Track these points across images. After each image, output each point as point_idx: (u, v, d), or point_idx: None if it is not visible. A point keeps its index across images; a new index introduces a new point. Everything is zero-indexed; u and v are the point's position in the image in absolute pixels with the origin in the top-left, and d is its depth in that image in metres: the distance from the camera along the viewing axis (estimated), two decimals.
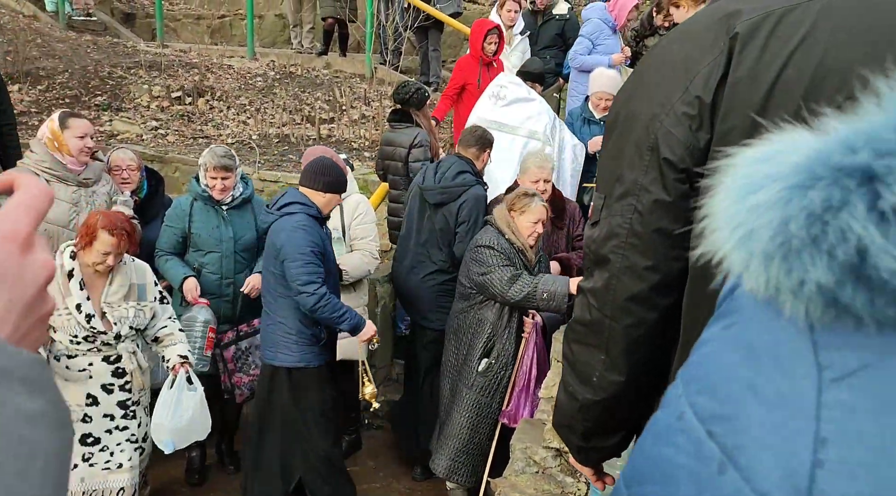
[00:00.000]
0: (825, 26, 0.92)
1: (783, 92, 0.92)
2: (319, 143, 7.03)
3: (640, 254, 1.05)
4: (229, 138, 7.19)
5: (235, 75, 8.63)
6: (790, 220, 0.44)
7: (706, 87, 0.97)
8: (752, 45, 0.94)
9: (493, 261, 3.43)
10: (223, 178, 3.73)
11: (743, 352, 0.49)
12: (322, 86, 8.35)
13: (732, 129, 0.95)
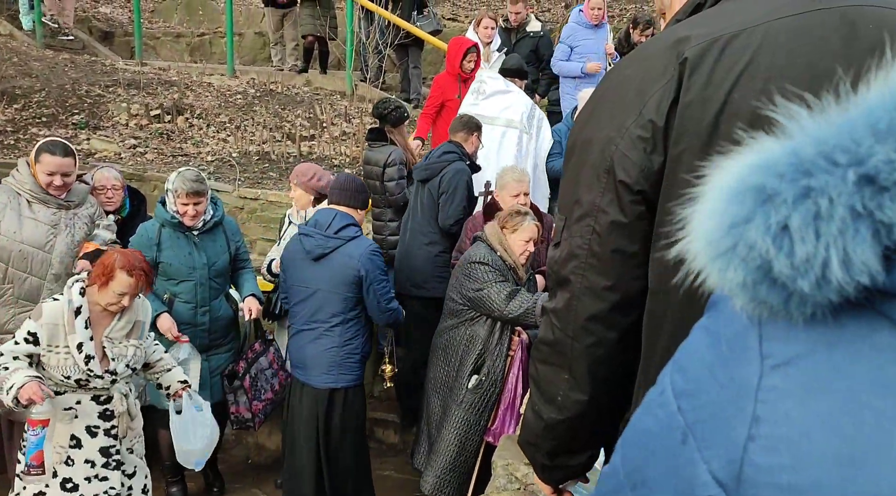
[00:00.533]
0: (767, 52, 0.95)
1: (731, 115, 0.94)
2: (301, 160, 7.02)
3: (599, 275, 1.06)
4: (209, 156, 7.16)
5: (215, 93, 8.61)
6: (715, 229, 0.52)
7: (658, 111, 0.99)
8: (701, 70, 0.96)
9: (487, 276, 3.42)
10: (195, 203, 3.59)
11: (711, 340, 0.56)
12: (303, 103, 8.35)
13: (684, 151, 0.97)
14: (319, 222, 3.48)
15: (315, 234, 3.44)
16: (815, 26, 0.96)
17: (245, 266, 3.97)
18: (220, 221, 3.79)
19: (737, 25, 0.98)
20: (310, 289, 3.46)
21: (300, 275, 3.51)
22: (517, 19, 6.60)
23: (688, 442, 0.52)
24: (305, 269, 3.48)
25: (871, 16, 0.96)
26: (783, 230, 0.48)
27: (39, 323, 2.87)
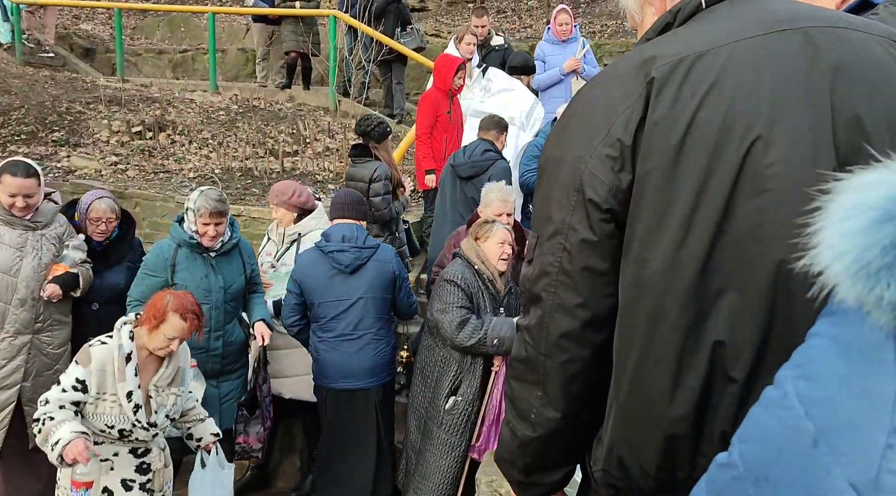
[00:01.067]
0: (734, 72, 0.97)
1: (697, 135, 0.96)
2: (284, 176, 7.00)
3: (570, 292, 1.07)
4: (191, 172, 7.11)
5: (198, 109, 8.58)
6: (869, 247, 0.53)
7: (626, 130, 1.01)
8: (667, 89, 0.98)
9: (450, 299, 3.39)
10: (216, 223, 3.46)
11: (841, 349, 0.58)
12: (286, 119, 8.35)
13: (652, 169, 0.99)
14: (347, 236, 3.65)
15: (349, 248, 3.62)
16: (779, 47, 0.97)
17: (257, 290, 3.85)
18: (237, 243, 3.67)
19: (704, 45, 1.00)
20: (350, 301, 3.60)
21: (334, 291, 3.62)
22: (483, 33, 6.68)
23: (819, 447, 0.55)
24: (340, 284, 3.62)
25: (833, 36, 0.98)
26: None
27: (88, 369, 2.69)
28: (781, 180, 0.92)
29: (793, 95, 0.94)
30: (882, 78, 0.95)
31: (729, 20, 1.04)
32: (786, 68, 0.95)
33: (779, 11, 1.03)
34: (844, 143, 0.92)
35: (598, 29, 10.46)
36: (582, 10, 11.36)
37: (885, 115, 0.93)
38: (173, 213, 6.36)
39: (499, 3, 11.94)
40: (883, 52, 0.98)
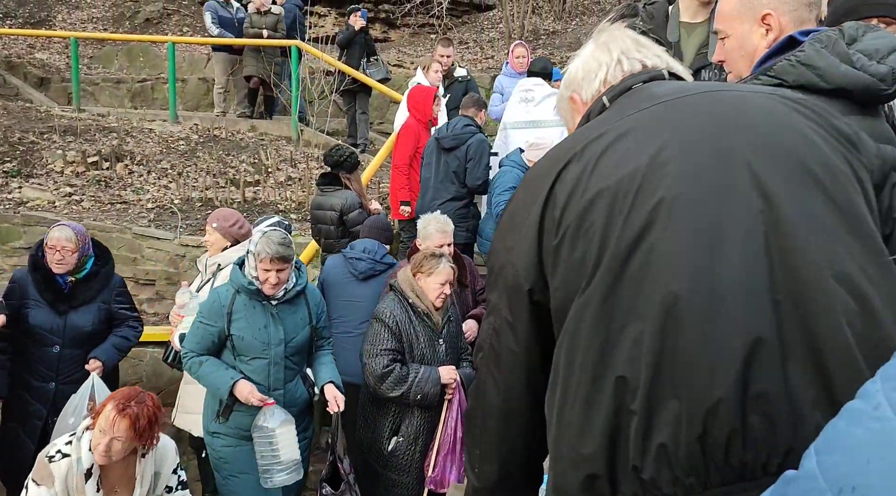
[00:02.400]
0: (619, 141, 1.11)
1: (589, 216, 1.08)
2: (245, 206, 6.90)
3: (496, 368, 1.20)
4: (149, 203, 6.97)
5: (157, 139, 8.45)
6: None
7: (539, 226, 1.14)
8: (566, 179, 1.12)
9: (377, 340, 3.28)
10: (279, 270, 3.10)
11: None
12: (247, 148, 8.27)
13: (562, 238, 1.10)
14: (368, 249, 4.11)
15: (367, 258, 4.07)
16: (663, 112, 1.12)
17: (324, 345, 3.49)
18: (302, 290, 3.30)
19: (598, 130, 1.15)
20: (357, 303, 4.00)
21: (346, 292, 4.10)
22: (447, 63, 6.77)
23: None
24: (352, 288, 4.08)
25: (713, 98, 1.13)
26: None
27: (52, 490, 2.41)
28: (669, 216, 1.02)
29: (676, 141, 1.06)
30: (763, 123, 1.08)
31: (624, 106, 1.19)
32: (666, 125, 1.09)
33: (662, 93, 1.17)
34: (728, 179, 1.02)
35: (558, 60, 10.67)
36: (542, 41, 11.59)
37: (767, 153, 1.04)
38: (130, 246, 6.21)
39: (461, 35, 12.12)
40: (767, 100, 1.12)
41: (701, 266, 0.98)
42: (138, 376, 5.47)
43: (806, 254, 0.97)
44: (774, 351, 0.94)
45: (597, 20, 11.79)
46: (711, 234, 0.99)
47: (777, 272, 0.96)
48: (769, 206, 0.99)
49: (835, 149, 1.08)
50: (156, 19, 12.42)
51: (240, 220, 3.89)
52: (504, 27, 11.72)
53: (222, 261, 3.73)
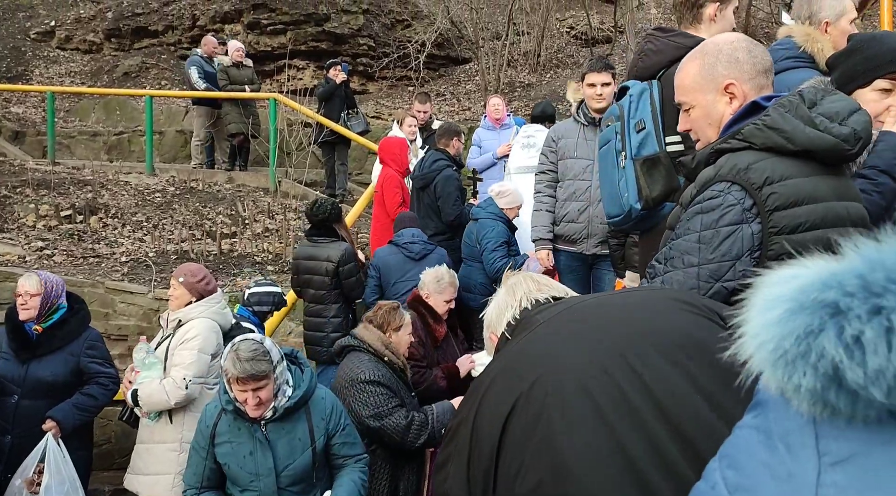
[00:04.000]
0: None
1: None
2: (221, 259, 6.83)
3: None
4: (123, 256, 6.86)
5: (132, 192, 8.38)
6: (785, 337, 0.56)
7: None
8: (487, 425, 1.20)
9: (381, 401, 3.09)
10: (254, 389, 2.59)
11: (763, 437, 0.60)
12: (224, 200, 8.23)
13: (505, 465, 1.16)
14: (415, 234, 4.80)
15: (418, 240, 4.77)
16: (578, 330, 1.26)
17: (345, 464, 2.89)
18: (302, 402, 2.74)
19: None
20: (417, 280, 4.22)
21: (407, 272, 4.65)
22: (424, 118, 6.88)
23: None
24: (411, 268, 4.64)
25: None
26: (856, 342, 0.53)
27: None
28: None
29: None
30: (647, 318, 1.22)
31: (517, 337, 1.36)
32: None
33: (541, 318, 1.36)
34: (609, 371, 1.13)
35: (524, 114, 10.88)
36: (518, 93, 11.83)
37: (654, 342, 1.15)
38: (102, 300, 6.07)
39: (438, 87, 12.34)
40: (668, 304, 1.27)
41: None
42: (106, 437, 5.28)
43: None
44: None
45: (570, 72, 12.11)
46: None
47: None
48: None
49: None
50: (134, 73, 12.49)
51: (207, 277, 3.76)
52: (480, 80, 11.96)
53: (183, 316, 3.59)
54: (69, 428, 3.53)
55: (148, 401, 3.37)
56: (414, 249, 4.75)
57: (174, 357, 3.47)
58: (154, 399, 3.37)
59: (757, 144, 1.52)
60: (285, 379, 2.71)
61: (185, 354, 3.44)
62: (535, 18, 12.39)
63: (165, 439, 3.43)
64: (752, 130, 1.53)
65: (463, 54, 12.90)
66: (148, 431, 3.53)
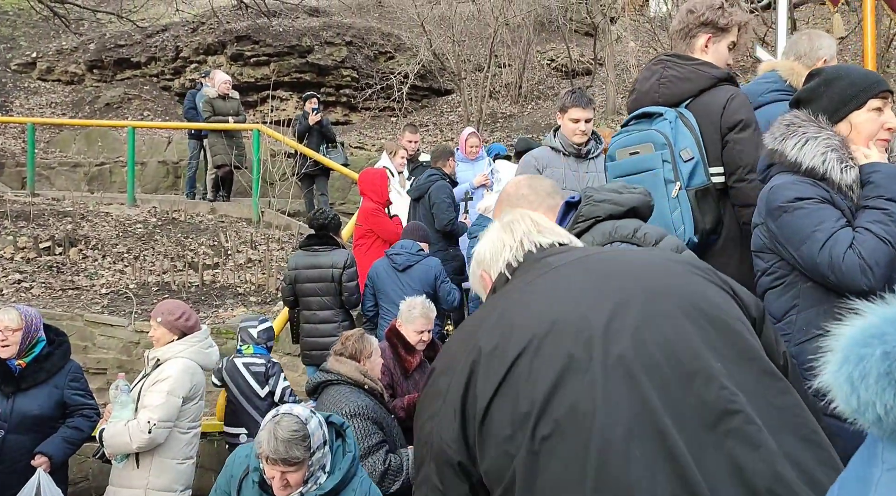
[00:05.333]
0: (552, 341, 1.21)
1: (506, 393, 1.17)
2: (203, 290, 6.76)
3: None
4: (103, 288, 6.77)
5: (113, 223, 8.31)
6: (851, 380, 0.73)
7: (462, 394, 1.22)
8: (488, 362, 1.20)
9: (363, 435, 2.99)
10: (283, 472, 2.36)
11: (859, 456, 0.79)
12: (207, 231, 8.18)
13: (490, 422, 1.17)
14: (404, 246, 4.87)
15: (403, 252, 4.82)
16: (573, 274, 1.29)
17: None
18: (334, 493, 2.45)
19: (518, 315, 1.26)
20: (401, 289, 4.64)
21: (391, 282, 4.80)
22: (414, 148, 6.90)
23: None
24: (395, 278, 4.79)
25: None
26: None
27: None
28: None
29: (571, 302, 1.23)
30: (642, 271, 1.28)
31: (524, 278, 1.35)
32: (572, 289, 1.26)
33: (554, 262, 1.35)
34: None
35: (516, 142, 11.00)
36: (500, 124, 11.98)
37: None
38: (80, 334, 5.97)
39: (420, 118, 12.46)
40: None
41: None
42: (83, 474, 5.15)
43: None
44: None
45: (551, 104, 12.29)
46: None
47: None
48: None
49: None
50: (116, 104, 12.48)
51: (186, 313, 3.67)
52: (463, 111, 12.10)
53: (161, 355, 3.50)
54: (59, 462, 3.45)
55: (111, 442, 3.28)
56: (398, 261, 4.83)
57: (144, 398, 3.38)
58: (116, 441, 3.27)
59: (602, 216, 1.88)
60: (322, 465, 2.45)
61: (155, 396, 3.34)
62: (517, 51, 12.60)
63: (132, 484, 3.33)
64: (590, 209, 1.90)
65: (445, 86, 13.06)
66: (117, 473, 3.43)
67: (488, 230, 1.49)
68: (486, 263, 1.44)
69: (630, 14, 13.87)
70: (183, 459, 3.46)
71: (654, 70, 2.50)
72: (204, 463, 4.52)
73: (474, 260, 1.48)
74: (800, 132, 1.94)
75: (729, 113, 2.35)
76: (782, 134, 1.97)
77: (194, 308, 6.38)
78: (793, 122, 1.97)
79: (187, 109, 9.23)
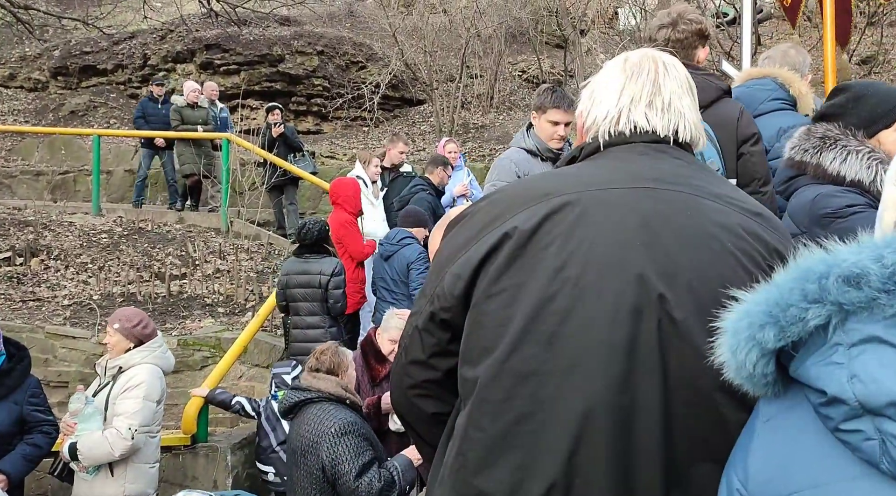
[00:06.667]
0: (584, 223, 1.15)
1: (539, 271, 1.13)
2: (170, 301, 6.63)
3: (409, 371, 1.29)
4: (66, 300, 6.60)
5: (77, 232, 8.12)
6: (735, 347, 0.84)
7: (474, 260, 1.18)
8: (530, 240, 1.15)
9: (355, 455, 2.87)
10: None
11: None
12: (174, 241, 8.04)
13: (498, 292, 1.15)
14: (390, 235, 5.22)
15: (385, 242, 5.17)
16: (632, 201, 1.14)
17: None
18: None
19: (579, 188, 1.18)
20: (384, 276, 5.06)
21: (378, 267, 5.18)
22: (399, 158, 6.81)
23: (731, 464, 0.88)
24: (380, 266, 5.14)
25: (672, 197, 1.15)
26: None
27: None
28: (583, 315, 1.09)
29: (627, 250, 1.10)
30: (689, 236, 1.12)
31: (609, 168, 1.21)
32: (628, 222, 1.12)
33: (645, 170, 1.18)
34: (637, 293, 1.08)
35: (487, 152, 11.05)
36: (472, 135, 12.02)
37: (677, 273, 1.09)
38: (41, 346, 5.80)
39: (392, 128, 12.44)
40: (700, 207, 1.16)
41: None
42: (42, 491, 4.99)
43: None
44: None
45: (522, 115, 12.38)
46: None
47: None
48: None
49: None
50: (81, 111, 12.25)
51: (143, 320, 3.62)
52: (435, 121, 12.12)
53: (123, 363, 3.46)
54: (17, 480, 3.35)
55: (89, 454, 3.21)
56: (381, 251, 5.19)
57: (117, 406, 3.33)
58: (96, 452, 3.22)
59: None
60: None
61: (130, 403, 3.31)
62: (488, 62, 12.68)
63: (107, 494, 3.27)
64: None
65: (417, 96, 13.08)
66: (87, 486, 3.35)
67: (614, 61, 1.29)
68: (586, 104, 1.28)
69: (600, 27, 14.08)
70: (153, 463, 3.52)
71: None
72: (168, 477, 4.41)
73: (585, 95, 1.30)
74: (839, 145, 1.93)
75: (743, 126, 2.35)
76: (815, 146, 1.96)
77: (160, 319, 6.27)
78: (827, 136, 1.96)
79: (135, 118, 9.15)
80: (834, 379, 0.73)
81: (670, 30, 2.44)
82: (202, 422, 4.52)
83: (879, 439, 0.70)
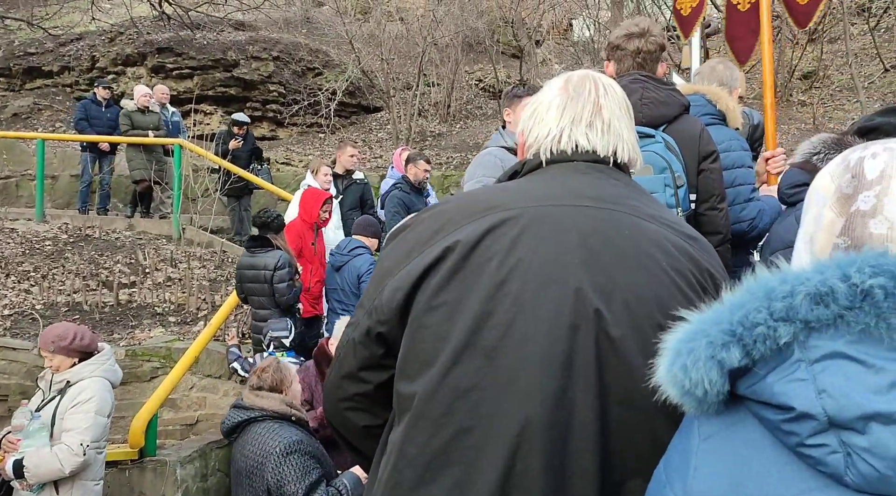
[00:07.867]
0: (527, 237, 1.15)
1: (479, 286, 1.13)
2: (118, 310, 6.44)
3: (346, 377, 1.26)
4: (6, 309, 6.34)
5: (19, 239, 7.83)
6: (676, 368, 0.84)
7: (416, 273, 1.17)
8: (474, 250, 1.15)
9: (302, 475, 2.79)
10: None
11: (675, 436, 0.91)
12: (123, 248, 7.82)
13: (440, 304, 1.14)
14: (341, 246, 5.24)
15: (336, 253, 5.20)
16: (573, 218, 1.15)
17: None
18: None
19: (520, 204, 1.18)
20: (334, 289, 5.15)
21: (330, 278, 5.25)
22: (350, 162, 6.70)
23: (665, 484, 0.87)
24: (331, 276, 5.21)
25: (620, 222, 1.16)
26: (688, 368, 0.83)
27: None
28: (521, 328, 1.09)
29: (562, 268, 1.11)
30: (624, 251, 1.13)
31: (550, 184, 1.22)
32: (568, 239, 1.12)
33: (586, 188, 1.20)
34: (575, 309, 1.08)
35: (444, 160, 11.08)
36: (429, 143, 12.04)
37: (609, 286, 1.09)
38: None
39: (349, 135, 12.37)
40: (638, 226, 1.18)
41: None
42: None
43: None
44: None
45: (479, 124, 12.46)
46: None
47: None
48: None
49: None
50: (25, 114, 11.83)
51: (77, 333, 3.41)
52: (392, 128, 12.10)
53: (71, 377, 3.33)
54: None
55: (36, 471, 3.09)
56: (332, 261, 5.29)
57: (66, 421, 3.21)
58: (44, 469, 3.10)
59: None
60: None
61: (81, 418, 3.20)
62: (445, 70, 12.74)
63: None
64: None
65: (374, 103, 13.05)
66: None
67: (554, 81, 1.32)
68: (526, 124, 1.30)
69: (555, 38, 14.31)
70: (98, 480, 3.41)
71: (633, 89, 2.36)
72: (114, 493, 4.27)
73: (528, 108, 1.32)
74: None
75: (704, 143, 2.38)
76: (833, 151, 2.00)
77: (108, 329, 6.08)
78: (849, 143, 2.01)
79: (77, 120, 8.85)
80: (801, 395, 0.74)
81: (642, 40, 2.44)
82: (150, 436, 4.38)
83: (844, 452, 0.71)
